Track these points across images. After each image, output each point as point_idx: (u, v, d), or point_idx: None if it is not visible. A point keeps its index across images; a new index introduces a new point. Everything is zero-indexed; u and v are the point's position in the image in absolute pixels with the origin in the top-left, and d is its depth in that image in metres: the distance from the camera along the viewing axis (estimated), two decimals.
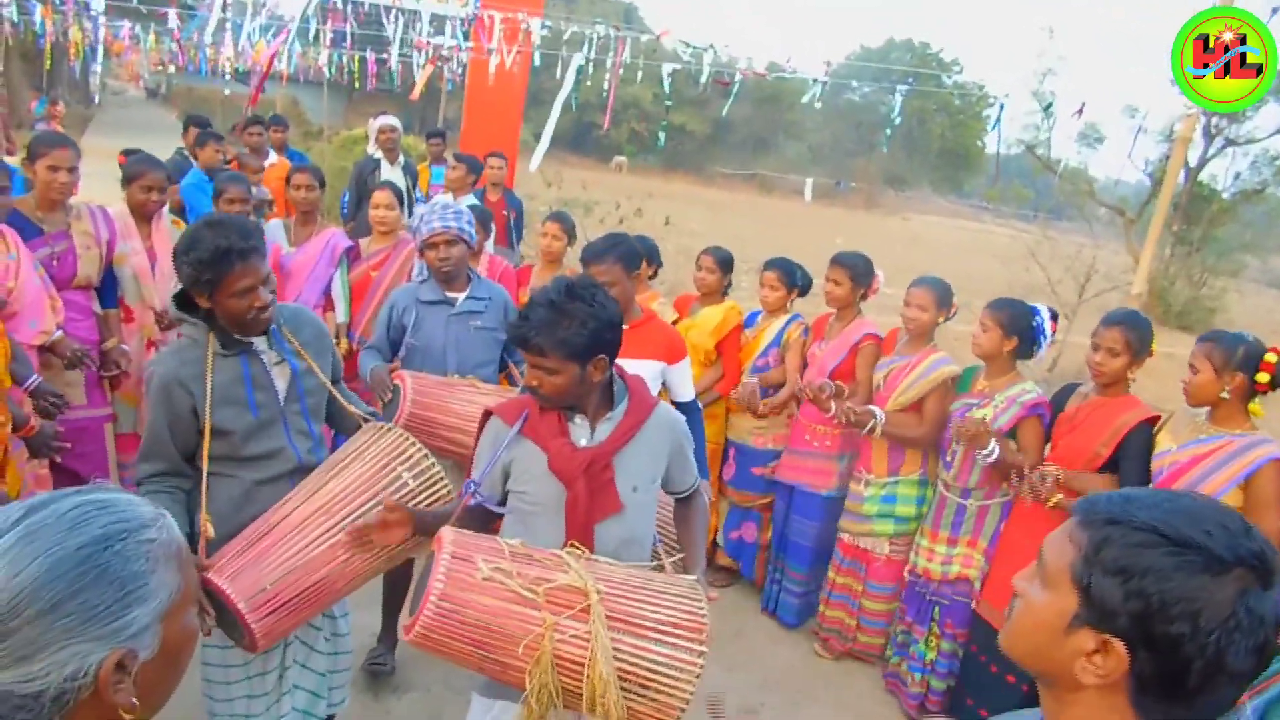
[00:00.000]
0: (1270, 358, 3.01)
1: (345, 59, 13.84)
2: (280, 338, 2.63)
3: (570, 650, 2.04)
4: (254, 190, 5.81)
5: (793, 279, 4.63)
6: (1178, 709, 1.06)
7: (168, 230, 4.29)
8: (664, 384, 3.57)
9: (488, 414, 2.47)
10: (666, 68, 8.52)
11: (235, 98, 19.53)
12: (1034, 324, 3.74)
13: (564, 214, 5.22)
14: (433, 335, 3.63)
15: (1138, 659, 1.05)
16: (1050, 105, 18.06)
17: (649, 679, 2.07)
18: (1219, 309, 18.14)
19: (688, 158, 44.66)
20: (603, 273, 3.27)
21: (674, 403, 3.53)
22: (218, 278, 2.39)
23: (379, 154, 7.67)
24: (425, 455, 2.62)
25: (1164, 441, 3.26)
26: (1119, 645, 1.05)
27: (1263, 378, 3.01)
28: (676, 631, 2.11)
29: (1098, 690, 1.09)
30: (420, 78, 9.28)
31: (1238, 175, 18.81)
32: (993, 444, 3.58)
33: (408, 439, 2.64)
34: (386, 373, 3.43)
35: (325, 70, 14.04)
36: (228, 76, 16.28)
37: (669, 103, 8.70)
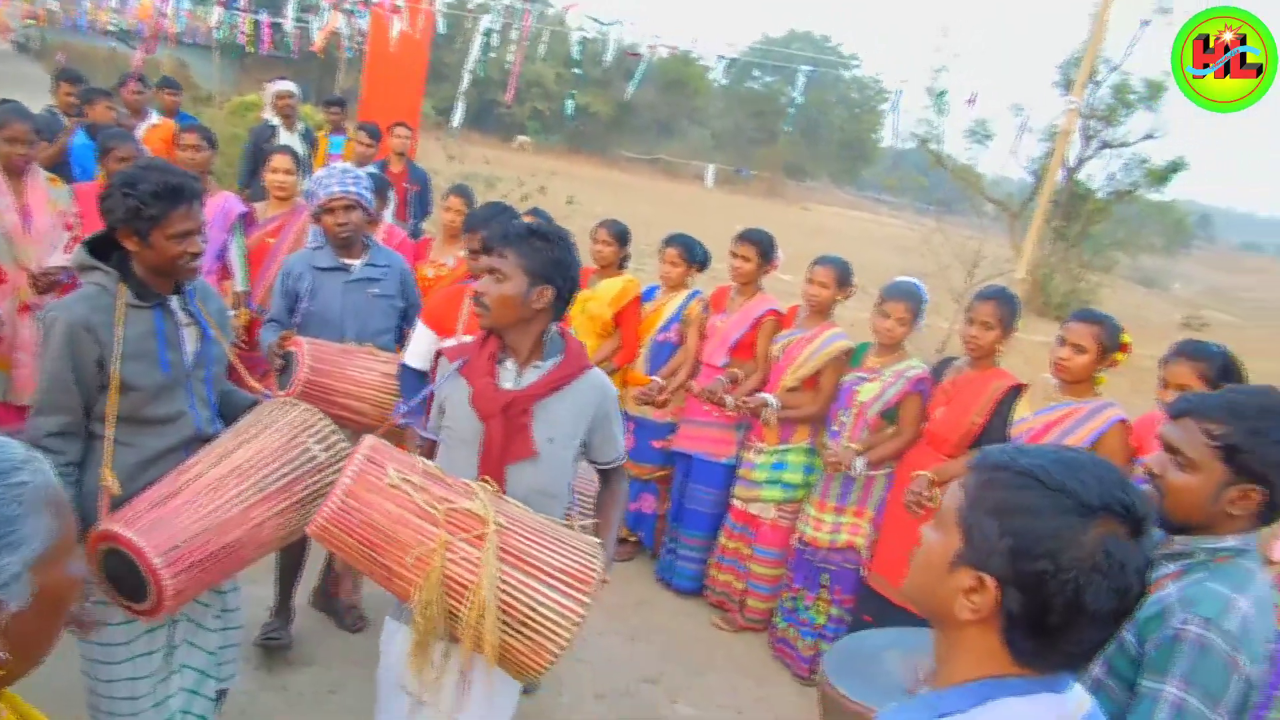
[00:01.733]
0: (1126, 338, 3.29)
1: (239, 21, 13.28)
2: (193, 299, 2.56)
3: (459, 572, 2.10)
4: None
5: (693, 255, 4.72)
6: (1044, 646, 1.13)
7: (44, 188, 4.06)
8: None
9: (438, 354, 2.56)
10: (574, 36, 8.45)
11: (119, 56, 18.56)
12: (923, 305, 3.97)
13: (466, 187, 5.17)
14: (329, 302, 3.56)
15: (1007, 596, 1.12)
16: (943, 94, 18.68)
17: (530, 618, 2.11)
18: (1093, 302, 19.10)
19: (592, 139, 44.47)
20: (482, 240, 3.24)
21: None
22: (163, 214, 2.32)
23: (276, 120, 7.43)
24: (333, 429, 2.61)
25: (1021, 410, 3.49)
26: (990, 582, 1.12)
27: (1120, 357, 3.27)
28: (566, 578, 2.15)
29: (975, 627, 1.15)
30: (322, 32, 8.93)
31: (1111, 176, 19.81)
32: (857, 462, 3.85)
33: (315, 413, 2.62)
34: (277, 342, 3.34)
35: (215, 33, 13.44)
36: (110, 33, 15.44)
37: (578, 70, 8.63)
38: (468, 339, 2.91)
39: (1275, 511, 1.77)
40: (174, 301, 2.50)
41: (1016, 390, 3.57)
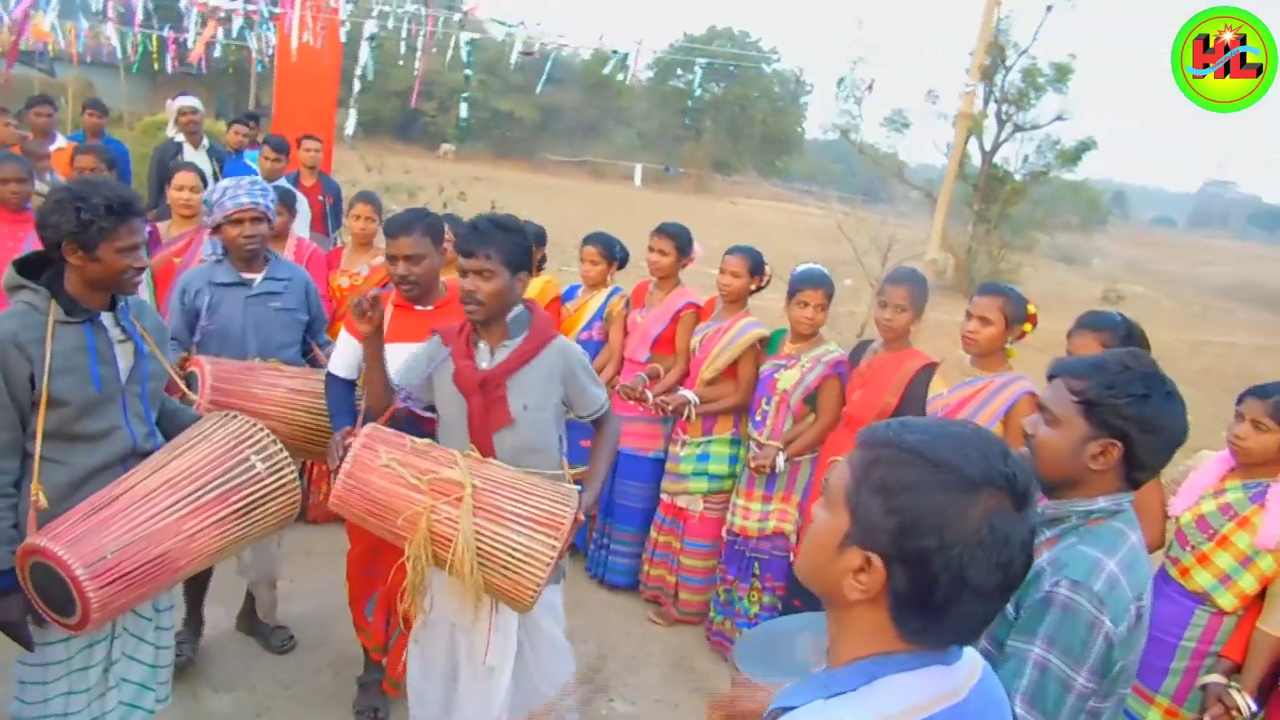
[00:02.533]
0: (1032, 309, 3.36)
1: (140, 38, 12.84)
2: (128, 315, 2.57)
3: (443, 529, 2.51)
4: (48, 177, 5.38)
5: (612, 253, 4.72)
6: (930, 623, 1.13)
7: None
8: None
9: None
10: (465, 36, 8.31)
11: (17, 79, 17.91)
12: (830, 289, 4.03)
13: (373, 194, 5.09)
14: (230, 318, 3.46)
15: (893, 574, 1.11)
16: (842, 80, 19.04)
17: (508, 561, 2.50)
18: (1015, 280, 19.58)
19: (517, 145, 44.24)
20: (410, 245, 3.12)
21: None
22: (113, 227, 2.37)
23: (180, 137, 7.24)
24: (273, 440, 2.65)
25: (936, 387, 3.55)
26: (877, 561, 1.12)
27: (1028, 328, 3.35)
28: (536, 525, 2.52)
29: (864, 606, 1.15)
30: (198, 42, 8.64)
31: (1026, 159, 20.34)
32: (779, 460, 3.93)
33: (254, 424, 2.65)
34: (177, 363, 3.22)
35: (117, 49, 12.99)
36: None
37: (468, 73, 8.43)
38: (401, 346, 3.05)
39: (1141, 471, 1.80)
40: (106, 317, 2.50)
41: (930, 368, 3.64)
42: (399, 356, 3.09)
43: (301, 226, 5.55)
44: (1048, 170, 20.17)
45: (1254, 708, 2.74)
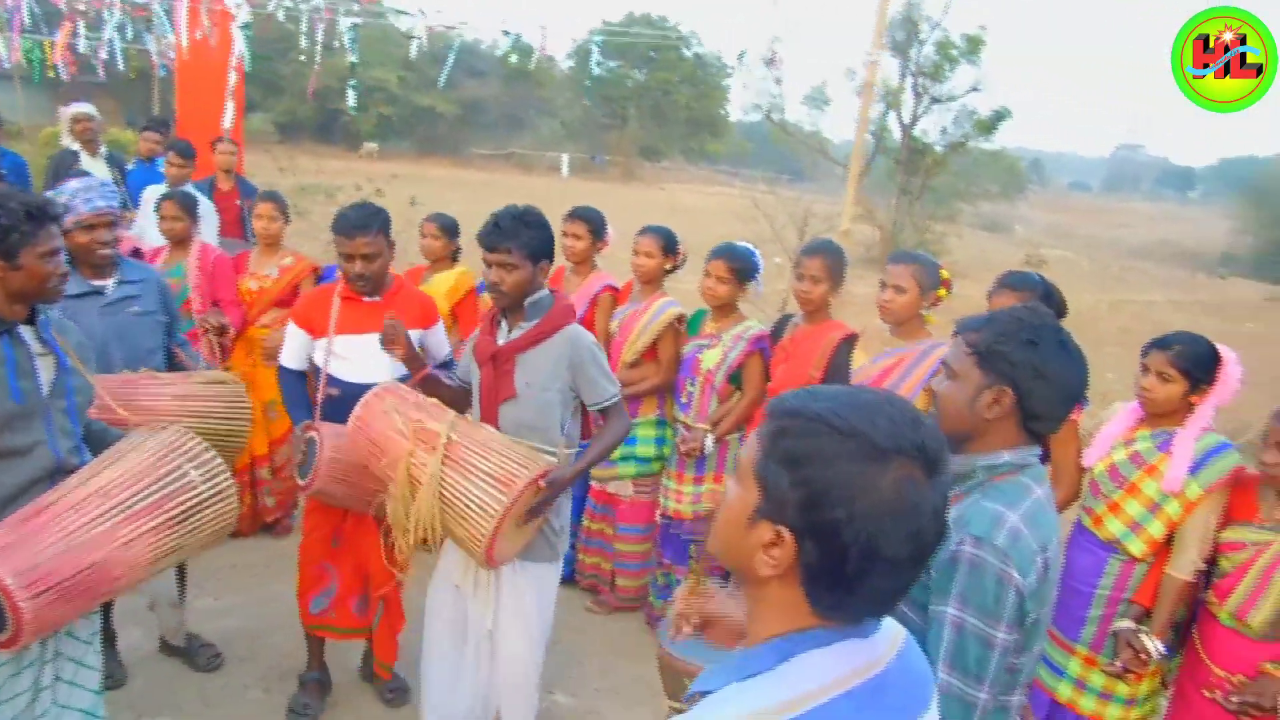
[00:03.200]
0: (945, 274, 3.37)
1: (28, 45, 12.23)
2: (49, 329, 2.49)
3: (416, 473, 2.75)
4: None
5: None
6: (844, 596, 1.10)
7: None
8: (422, 347, 3.48)
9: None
10: (346, 21, 7.98)
11: None
12: (753, 264, 3.99)
13: (276, 194, 4.92)
14: (89, 331, 3.21)
15: (804, 548, 1.08)
16: (742, 54, 19.19)
17: (463, 511, 2.71)
18: (941, 250, 19.96)
19: (442, 141, 43.65)
20: (367, 244, 3.22)
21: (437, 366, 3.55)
22: (34, 232, 2.34)
23: (76, 145, 6.95)
24: (206, 449, 2.60)
25: (859, 359, 3.55)
26: (787, 534, 1.08)
27: (943, 293, 3.36)
28: (491, 479, 2.71)
29: (777, 582, 1.12)
30: (56, 46, 8.20)
31: (944, 130, 20.70)
32: (707, 442, 3.94)
33: (187, 434, 2.60)
34: None
35: (3, 59, 12.35)
36: None
37: (354, 60, 8.11)
38: (350, 338, 3.31)
39: (1036, 421, 1.80)
40: (25, 330, 2.43)
41: (851, 339, 3.64)
42: (351, 348, 3.32)
43: (209, 232, 5.36)
44: (965, 141, 20.55)
45: (1163, 650, 2.80)
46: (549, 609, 3.14)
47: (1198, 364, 2.80)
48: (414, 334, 3.35)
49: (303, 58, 7.85)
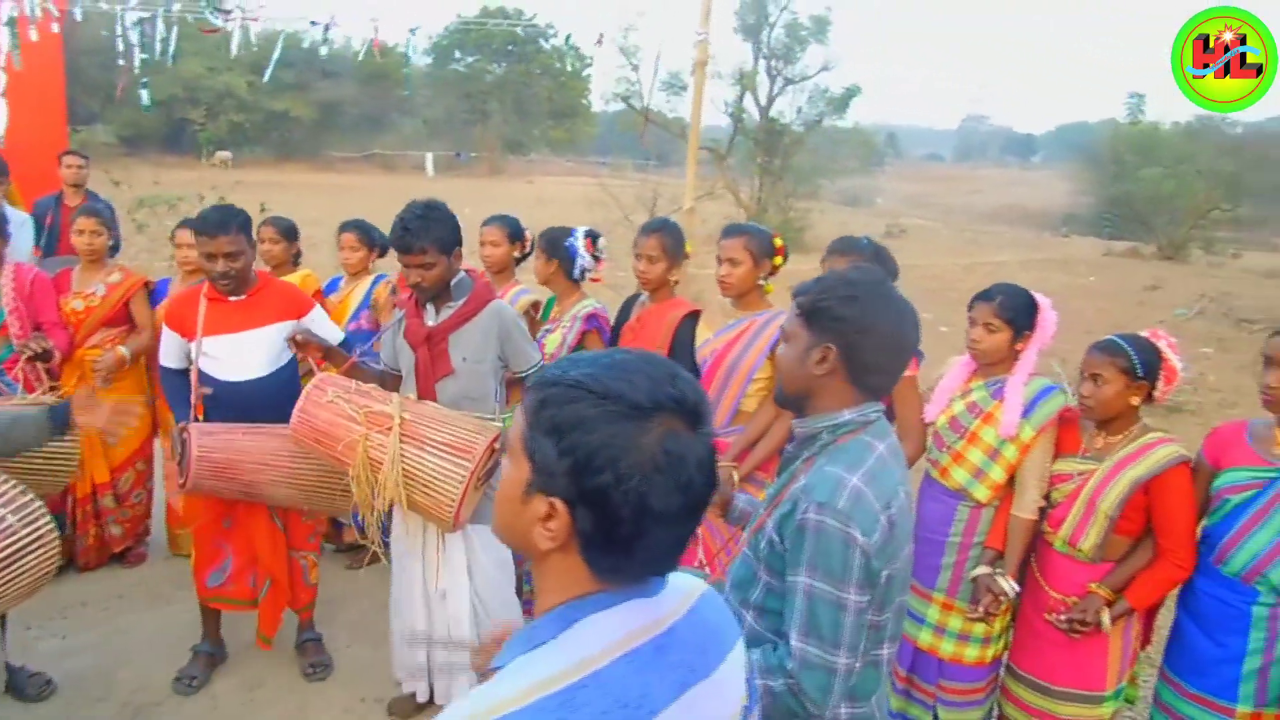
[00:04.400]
0: (779, 243, 3.43)
1: None
2: None
3: (375, 454, 2.96)
4: None
5: (371, 239, 4.54)
6: (622, 559, 1.10)
7: None
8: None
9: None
10: (131, 16, 7.41)
11: None
12: (567, 245, 3.97)
13: (95, 207, 4.61)
14: None
15: (578, 516, 1.07)
16: (568, 37, 19.30)
17: (427, 481, 2.95)
18: (806, 227, 20.52)
19: (299, 146, 42.27)
20: (228, 243, 3.30)
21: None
22: None
23: None
24: (23, 492, 2.60)
25: (703, 333, 3.58)
26: (560, 505, 1.07)
27: (778, 261, 3.42)
28: (450, 449, 2.95)
29: (558, 553, 1.11)
30: None
31: (800, 110, 21.26)
32: None
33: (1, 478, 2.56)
34: None
35: None
36: None
37: (143, 56, 7.58)
38: (219, 338, 3.40)
39: (869, 375, 1.83)
40: None
41: (694, 316, 3.67)
42: (221, 347, 3.41)
43: (22, 250, 5.01)
44: (820, 119, 21.15)
45: (1017, 588, 2.94)
46: (509, 564, 3.38)
47: (1019, 312, 2.94)
48: (290, 325, 3.45)
49: (121, 61, 7.35)
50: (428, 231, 3.00)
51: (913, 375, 3.21)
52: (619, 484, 1.04)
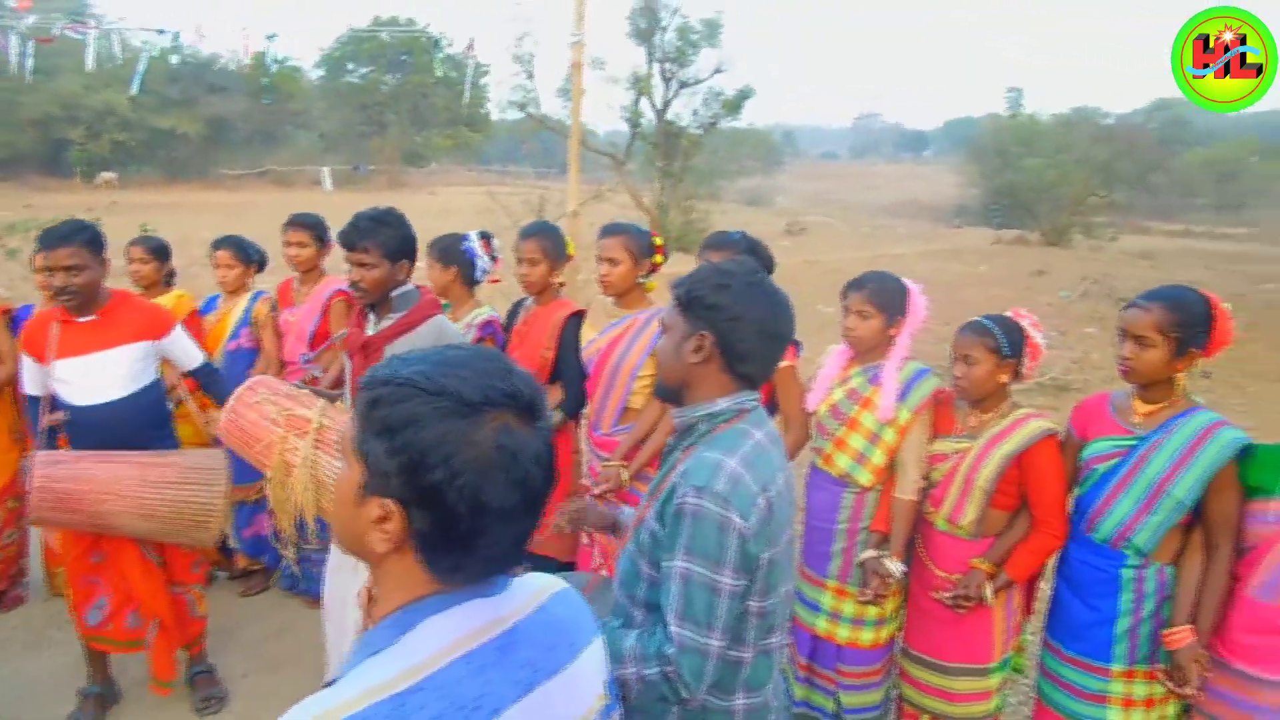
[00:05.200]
0: (658, 241, 3.46)
1: None
2: None
3: (290, 457, 2.90)
4: None
5: (247, 255, 4.40)
6: (461, 558, 1.09)
7: None
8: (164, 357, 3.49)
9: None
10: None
11: None
12: (464, 249, 3.91)
13: None
14: None
15: (413, 516, 1.05)
16: (438, 41, 19.23)
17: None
18: (708, 228, 20.70)
19: (188, 164, 40.80)
20: (68, 256, 3.17)
21: (187, 373, 3.57)
22: None
23: None
24: None
25: (587, 333, 3.59)
26: (394, 506, 1.05)
27: (659, 259, 3.45)
28: None
29: (395, 555, 1.09)
30: None
31: (695, 112, 21.43)
32: None
33: None
34: None
35: None
36: None
37: (26, 74, 7.30)
38: (72, 361, 3.28)
39: (742, 363, 1.85)
40: None
41: (578, 316, 3.67)
42: (73, 370, 3.27)
43: None
44: (716, 121, 21.37)
45: (904, 569, 3.01)
46: None
47: (890, 298, 3.01)
48: (142, 349, 3.34)
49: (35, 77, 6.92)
50: (374, 233, 3.00)
51: (792, 365, 3.26)
52: (453, 481, 1.03)
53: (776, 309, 1.88)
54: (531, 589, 1.20)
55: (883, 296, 3.01)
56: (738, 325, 1.82)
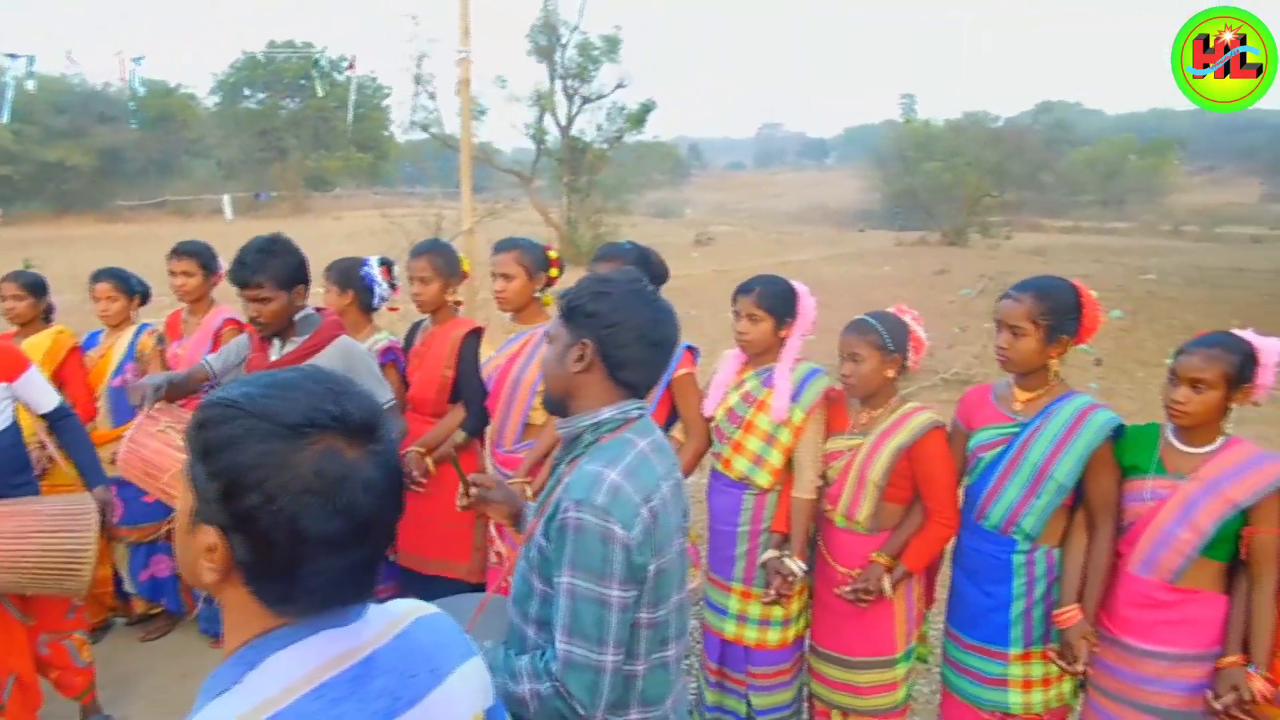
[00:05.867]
0: (553, 254, 3.46)
1: None
2: None
3: None
4: None
5: (129, 287, 4.24)
6: (288, 588, 1.04)
7: None
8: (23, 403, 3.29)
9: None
10: None
11: None
12: (363, 275, 3.84)
13: None
14: None
15: (234, 543, 1.01)
16: (317, 62, 19.12)
17: None
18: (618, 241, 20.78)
19: (80, 197, 39.23)
20: None
21: (42, 416, 3.37)
22: None
23: None
24: None
25: (486, 351, 3.58)
26: (214, 532, 1.01)
27: (554, 273, 3.45)
28: None
29: (231, 588, 1.05)
30: None
31: (599, 127, 21.57)
32: None
33: None
34: None
35: None
36: None
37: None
38: None
39: (624, 370, 1.85)
40: None
41: (476, 333, 3.64)
42: None
43: None
44: (620, 135, 21.53)
45: (804, 568, 3.04)
46: None
47: (778, 300, 3.06)
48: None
49: None
50: (264, 266, 2.96)
51: (691, 373, 3.29)
52: (267, 506, 0.98)
53: (658, 315, 1.88)
54: (391, 616, 1.16)
55: (771, 299, 3.05)
56: (618, 332, 1.82)
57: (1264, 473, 2.47)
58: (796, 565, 3.01)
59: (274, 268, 2.97)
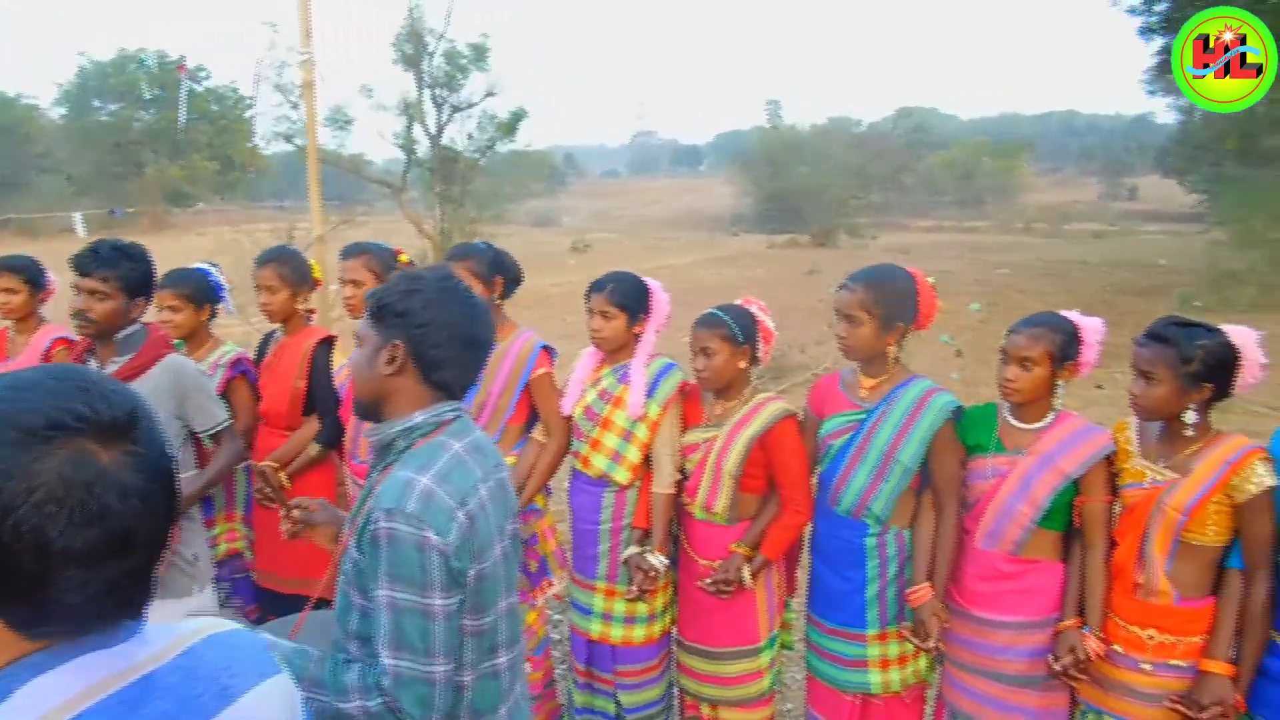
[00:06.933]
0: (404, 258, 3.42)
1: None
2: None
3: None
4: None
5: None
6: (36, 608, 0.94)
7: None
8: None
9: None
10: None
11: None
12: (214, 285, 3.64)
13: None
14: None
15: None
16: (184, 64, 18.52)
17: None
18: None
19: None
20: None
21: None
22: None
23: None
24: None
25: (338, 359, 3.50)
26: None
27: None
28: None
29: None
30: None
31: (470, 136, 21.35)
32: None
33: None
34: None
35: None
36: None
37: None
38: None
39: (437, 370, 1.79)
40: None
41: (328, 342, 3.53)
42: None
43: None
44: (492, 144, 21.36)
45: (666, 562, 3.05)
46: None
47: (630, 297, 3.07)
48: None
49: None
50: (116, 264, 2.85)
51: (549, 373, 3.26)
52: (5, 520, 0.89)
53: (472, 313, 1.82)
54: (176, 634, 1.08)
55: (623, 296, 3.06)
56: (430, 331, 1.76)
57: (1091, 444, 2.61)
58: (659, 560, 3.01)
59: (125, 269, 2.86)
